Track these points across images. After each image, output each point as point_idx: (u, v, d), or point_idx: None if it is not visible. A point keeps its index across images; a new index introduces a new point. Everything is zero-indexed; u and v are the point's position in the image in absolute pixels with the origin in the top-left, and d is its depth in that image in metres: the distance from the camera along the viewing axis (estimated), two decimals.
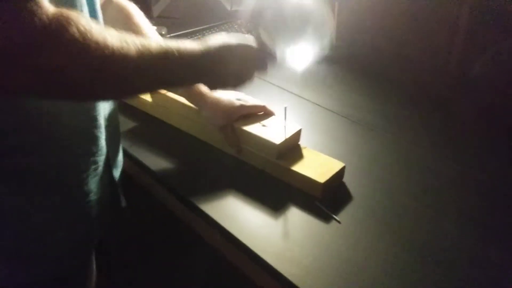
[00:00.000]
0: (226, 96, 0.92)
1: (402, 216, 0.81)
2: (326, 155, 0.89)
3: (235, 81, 0.78)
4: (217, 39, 0.73)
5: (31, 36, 0.49)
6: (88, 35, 0.53)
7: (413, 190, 0.87)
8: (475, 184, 0.90)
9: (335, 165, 0.86)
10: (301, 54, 0.81)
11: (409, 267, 0.71)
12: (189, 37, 1.43)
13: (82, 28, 0.52)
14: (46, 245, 0.72)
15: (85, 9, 0.67)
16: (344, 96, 1.20)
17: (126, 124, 1.02)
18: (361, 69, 1.36)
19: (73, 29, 0.51)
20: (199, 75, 0.73)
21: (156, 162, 0.91)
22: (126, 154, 0.92)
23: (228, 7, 1.64)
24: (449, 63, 1.34)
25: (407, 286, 0.68)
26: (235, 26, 1.54)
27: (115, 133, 0.83)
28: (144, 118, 1.06)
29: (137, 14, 0.92)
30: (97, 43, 0.53)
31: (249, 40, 0.78)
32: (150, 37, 0.61)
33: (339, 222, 0.78)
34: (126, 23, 0.89)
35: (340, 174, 0.87)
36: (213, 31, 1.48)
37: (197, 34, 1.46)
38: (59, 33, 0.51)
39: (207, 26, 1.53)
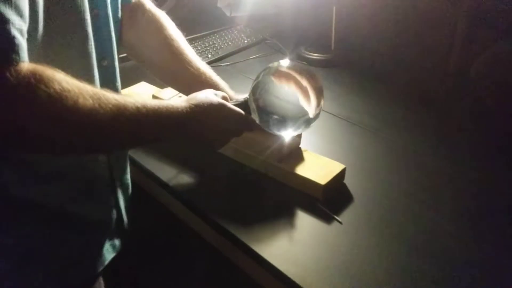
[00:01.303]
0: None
1: (401, 216, 0.82)
2: (326, 157, 0.91)
3: (210, 143, 0.77)
4: (198, 101, 0.72)
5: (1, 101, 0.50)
6: (58, 98, 0.53)
7: (412, 191, 0.89)
8: (472, 184, 0.92)
9: (336, 167, 0.88)
10: (284, 130, 0.83)
11: (409, 266, 0.72)
12: (189, 43, 1.44)
13: (52, 91, 0.52)
14: (47, 264, 0.72)
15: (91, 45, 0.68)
16: (343, 99, 1.22)
17: None
18: (360, 72, 1.38)
19: (43, 92, 0.51)
20: (174, 137, 0.74)
21: (159, 167, 0.92)
22: (130, 160, 0.94)
23: (228, 14, 1.66)
24: (447, 65, 1.36)
25: (408, 284, 0.69)
26: (235, 32, 1.56)
27: (120, 158, 0.82)
28: None
29: (170, 26, 0.90)
30: (66, 106, 0.53)
31: (230, 106, 0.77)
32: (129, 96, 0.62)
33: (340, 222, 0.80)
34: (159, 35, 0.88)
35: (341, 176, 0.88)
36: (214, 37, 1.50)
37: (197, 40, 1.47)
38: (27, 94, 0.51)
39: (207, 32, 1.55)
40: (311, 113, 0.81)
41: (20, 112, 0.51)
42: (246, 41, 1.52)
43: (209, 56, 1.40)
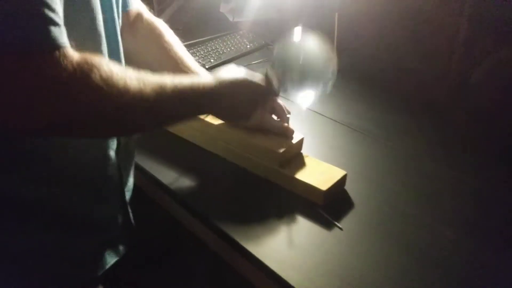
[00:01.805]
0: None
1: (402, 222, 0.82)
2: (327, 163, 0.91)
3: (241, 114, 0.84)
4: (226, 76, 0.78)
5: (57, 85, 0.52)
6: (109, 82, 0.56)
7: (412, 197, 0.89)
8: (472, 191, 0.92)
9: (337, 173, 0.88)
10: (305, 92, 0.89)
11: (409, 272, 0.72)
12: (192, 48, 1.45)
13: (104, 75, 0.55)
14: (54, 264, 0.73)
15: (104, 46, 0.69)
16: (345, 105, 1.22)
17: None
18: (361, 78, 1.38)
19: (96, 77, 0.54)
20: (210, 108, 0.78)
21: (161, 170, 0.93)
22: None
23: (231, 18, 1.67)
24: (448, 72, 1.36)
25: None
26: (237, 37, 1.56)
27: (130, 156, 0.84)
28: None
29: (168, 33, 0.94)
30: (118, 88, 0.57)
31: (256, 76, 0.83)
32: (165, 75, 0.66)
33: (341, 228, 0.80)
34: (157, 42, 0.91)
35: (341, 181, 0.88)
36: (216, 42, 1.51)
37: (200, 44, 1.48)
38: (83, 81, 0.53)
39: (210, 37, 1.56)
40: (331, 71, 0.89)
41: (79, 97, 0.54)
42: (248, 46, 1.52)
43: (212, 60, 1.40)
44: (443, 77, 1.37)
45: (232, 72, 0.80)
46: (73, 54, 0.53)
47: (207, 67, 1.37)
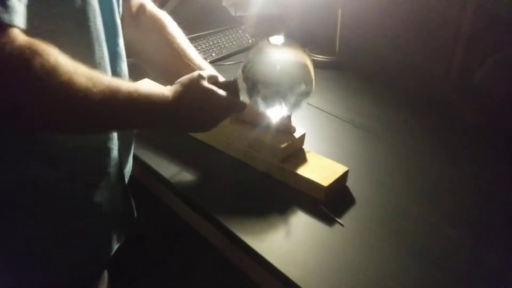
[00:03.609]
0: None
1: (403, 220, 0.82)
2: (329, 159, 0.91)
3: (200, 128, 0.79)
4: (189, 87, 0.73)
5: None
6: (51, 72, 0.52)
7: (414, 195, 0.89)
8: (474, 189, 0.92)
9: (339, 169, 0.88)
10: (273, 109, 0.82)
11: (410, 270, 0.72)
12: (194, 41, 1.44)
13: (47, 64, 0.51)
14: (58, 254, 0.72)
15: (99, 20, 0.66)
16: (347, 102, 1.22)
17: None
18: (364, 75, 1.38)
19: (37, 64, 0.51)
20: (165, 121, 0.72)
21: (162, 164, 0.92)
22: (134, 157, 0.93)
23: (233, 13, 1.66)
24: (451, 69, 1.36)
25: (409, 287, 0.69)
26: (240, 31, 1.56)
27: (128, 144, 0.83)
28: None
29: (171, 24, 0.91)
30: (61, 80, 0.53)
31: (218, 90, 0.77)
32: (144, 81, 0.62)
33: (342, 225, 0.79)
34: (161, 34, 0.89)
35: (343, 178, 0.88)
36: (218, 36, 1.50)
37: (202, 38, 1.47)
38: (21, 66, 0.50)
39: (212, 31, 1.55)
40: (303, 87, 0.81)
41: (13, 83, 0.50)
42: (250, 41, 1.52)
43: (213, 54, 1.40)
44: (446, 74, 1.36)
45: (194, 84, 0.74)
46: (18, 36, 0.50)
47: (208, 61, 1.36)
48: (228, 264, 0.83)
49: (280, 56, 0.82)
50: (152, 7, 0.92)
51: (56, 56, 0.53)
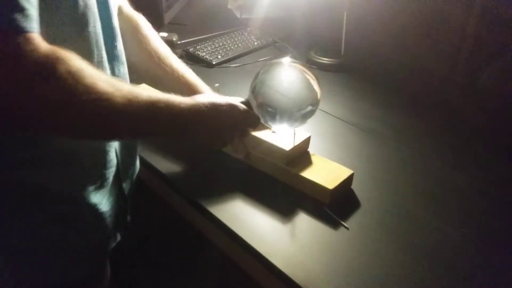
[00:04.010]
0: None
1: (408, 223, 0.82)
2: (335, 162, 0.91)
3: (217, 139, 0.79)
4: (206, 97, 0.75)
5: (18, 74, 0.50)
6: (76, 77, 0.53)
7: (419, 198, 0.88)
8: (480, 194, 0.91)
9: (344, 172, 0.88)
10: (281, 126, 0.87)
11: (415, 273, 0.72)
12: (200, 44, 1.45)
13: (71, 69, 0.53)
14: (57, 252, 0.73)
15: (98, 25, 0.67)
16: (352, 104, 1.22)
17: None
18: (370, 78, 1.37)
19: (62, 70, 0.52)
20: (185, 129, 0.73)
21: (167, 166, 0.92)
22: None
23: (238, 15, 1.67)
24: (457, 72, 1.35)
25: None
26: (245, 34, 1.56)
27: (131, 145, 0.83)
28: None
29: (146, 26, 0.94)
30: (85, 85, 0.54)
31: (235, 102, 0.80)
32: (142, 87, 0.63)
33: (347, 228, 0.79)
34: (135, 35, 0.91)
35: (348, 181, 0.88)
36: (224, 38, 1.50)
37: (208, 41, 1.48)
38: (47, 72, 0.51)
39: (218, 33, 1.56)
40: (309, 108, 0.85)
41: (40, 88, 0.51)
42: (256, 43, 1.52)
43: (219, 57, 1.40)
44: (451, 76, 1.36)
45: (212, 97, 0.77)
46: (41, 43, 0.51)
47: (214, 63, 1.37)
48: (232, 266, 0.83)
49: (287, 79, 0.86)
50: (128, 9, 0.93)
51: (79, 62, 0.55)
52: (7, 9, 0.49)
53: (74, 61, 0.54)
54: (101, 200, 0.75)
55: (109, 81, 0.58)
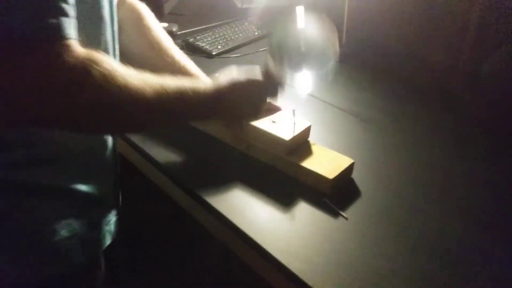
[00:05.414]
0: None
1: (409, 214, 0.81)
2: (335, 152, 0.90)
3: (247, 113, 0.85)
4: (227, 76, 0.79)
5: (57, 77, 0.52)
6: (109, 78, 0.56)
7: (421, 188, 0.88)
8: (482, 183, 0.91)
9: (344, 162, 0.87)
10: (307, 79, 0.88)
11: (415, 264, 0.71)
12: (200, 34, 1.44)
13: (105, 71, 0.56)
14: (54, 244, 0.72)
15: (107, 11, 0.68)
16: (354, 94, 1.21)
17: None
18: (371, 68, 1.36)
19: (96, 72, 0.55)
20: (212, 112, 0.78)
21: (165, 156, 0.92)
22: (136, 149, 0.93)
23: (239, 5, 1.65)
24: (460, 61, 1.34)
25: (413, 282, 0.68)
26: (245, 24, 1.55)
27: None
28: None
29: (148, 16, 0.93)
30: (118, 85, 0.57)
31: (255, 72, 0.83)
32: (167, 76, 0.67)
33: (346, 218, 0.79)
34: (137, 25, 0.91)
35: (349, 170, 0.87)
36: (224, 28, 1.49)
37: (208, 31, 1.46)
38: (83, 75, 0.54)
39: (218, 23, 1.54)
40: (328, 53, 0.88)
41: (77, 92, 0.54)
42: (256, 33, 1.50)
43: (219, 47, 1.39)
44: (454, 66, 1.35)
45: (232, 73, 0.80)
46: (78, 48, 0.54)
47: (214, 53, 1.36)
48: (231, 257, 0.82)
49: (304, 30, 0.88)
50: None
51: (111, 63, 0.57)
52: (48, 16, 0.52)
53: (106, 63, 0.56)
54: (96, 189, 0.75)
55: (138, 76, 0.61)
